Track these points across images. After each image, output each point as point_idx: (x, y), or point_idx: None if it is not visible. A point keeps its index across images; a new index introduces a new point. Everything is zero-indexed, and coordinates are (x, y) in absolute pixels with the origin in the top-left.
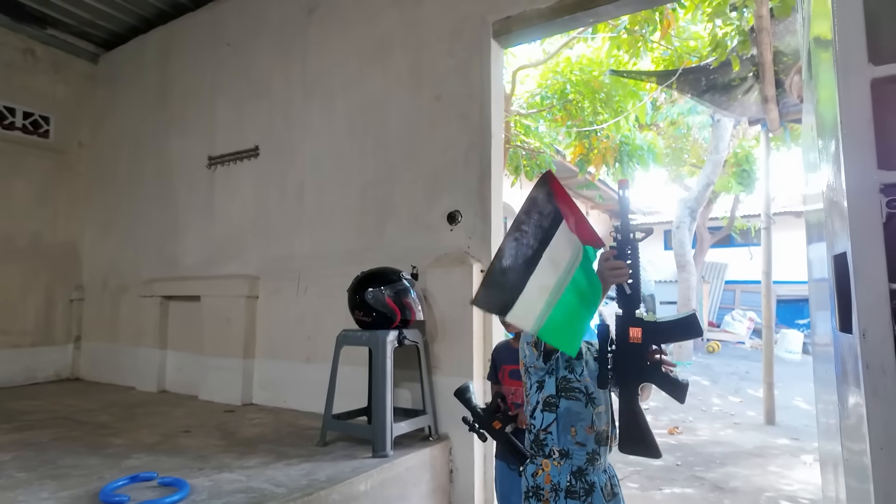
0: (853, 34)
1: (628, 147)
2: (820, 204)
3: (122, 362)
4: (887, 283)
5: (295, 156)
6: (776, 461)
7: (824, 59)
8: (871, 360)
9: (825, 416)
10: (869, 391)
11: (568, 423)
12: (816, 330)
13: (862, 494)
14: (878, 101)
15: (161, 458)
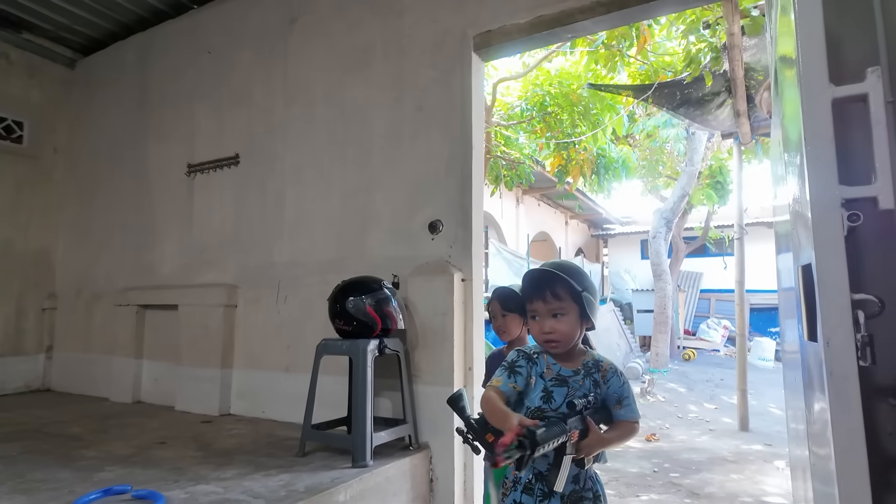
0: (815, 56)
1: (605, 159)
2: (787, 215)
3: (96, 373)
4: (849, 294)
5: (275, 164)
6: (750, 467)
7: (789, 77)
8: (834, 367)
9: (795, 422)
10: (833, 397)
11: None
12: (785, 338)
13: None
14: (839, 120)
15: (135, 470)
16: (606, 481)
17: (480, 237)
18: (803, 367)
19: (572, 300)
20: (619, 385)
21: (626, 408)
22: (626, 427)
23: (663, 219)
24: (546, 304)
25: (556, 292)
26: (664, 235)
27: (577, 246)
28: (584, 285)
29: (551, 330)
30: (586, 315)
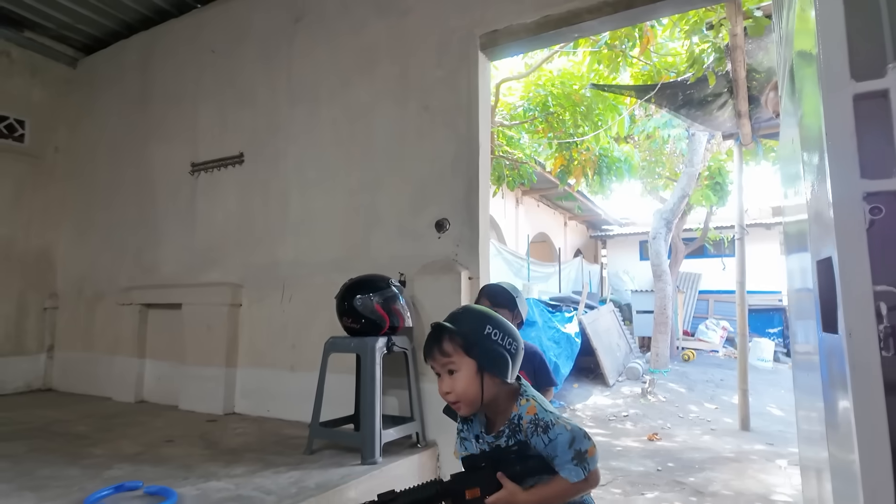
0: (836, 52)
1: (607, 159)
2: (801, 215)
3: (98, 372)
4: (871, 286)
5: (280, 163)
6: (753, 466)
7: (808, 75)
8: (856, 359)
9: (807, 423)
10: (856, 389)
11: None
12: (797, 339)
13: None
14: (860, 115)
15: (144, 468)
16: (611, 479)
17: (487, 236)
18: (822, 362)
19: (465, 354)
20: (543, 445)
21: (559, 467)
22: (558, 484)
23: (663, 219)
24: (437, 363)
25: (442, 348)
26: (664, 236)
27: (575, 247)
28: (478, 336)
29: (448, 390)
30: (488, 368)
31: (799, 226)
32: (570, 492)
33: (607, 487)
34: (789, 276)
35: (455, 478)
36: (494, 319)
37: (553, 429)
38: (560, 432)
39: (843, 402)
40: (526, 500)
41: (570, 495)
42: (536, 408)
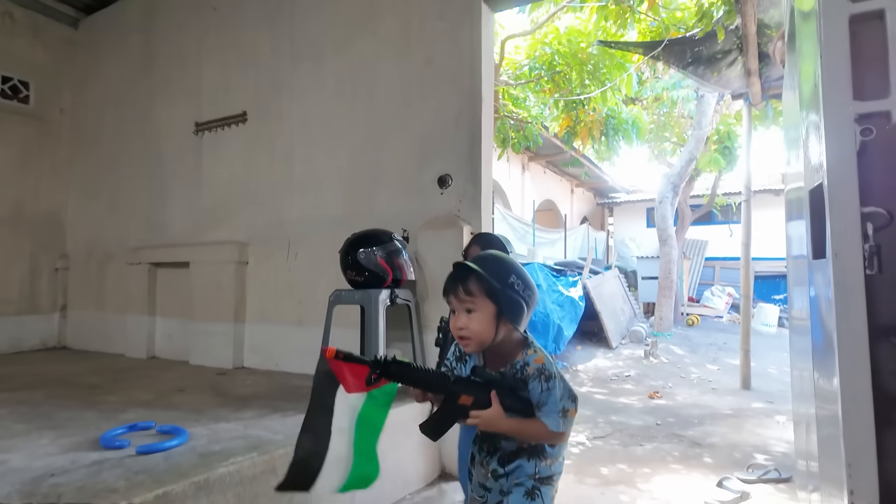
0: None
1: (614, 121)
2: (800, 182)
3: (110, 330)
4: (859, 208)
5: (283, 121)
6: (751, 421)
7: (807, 1)
8: (841, 278)
9: (799, 382)
10: (840, 308)
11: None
12: (794, 305)
13: (831, 440)
14: (855, 37)
15: (157, 412)
16: (611, 432)
17: (490, 191)
18: (810, 291)
19: (486, 297)
20: (539, 391)
21: (543, 413)
22: (536, 426)
23: (670, 183)
24: (458, 300)
25: (467, 288)
26: (670, 200)
27: (582, 215)
28: (504, 282)
29: (463, 326)
30: (506, 315)
31: (798, 192)
32: (543, 436)
33: (607, 439)
34: (788, 243)
35: (458, 380)
36: (518, 269)
37: (553, 381)
38: (557, 386)
39: (828, 327)
40: (506, 425)
41: (540, 438)
42: (544, 359)
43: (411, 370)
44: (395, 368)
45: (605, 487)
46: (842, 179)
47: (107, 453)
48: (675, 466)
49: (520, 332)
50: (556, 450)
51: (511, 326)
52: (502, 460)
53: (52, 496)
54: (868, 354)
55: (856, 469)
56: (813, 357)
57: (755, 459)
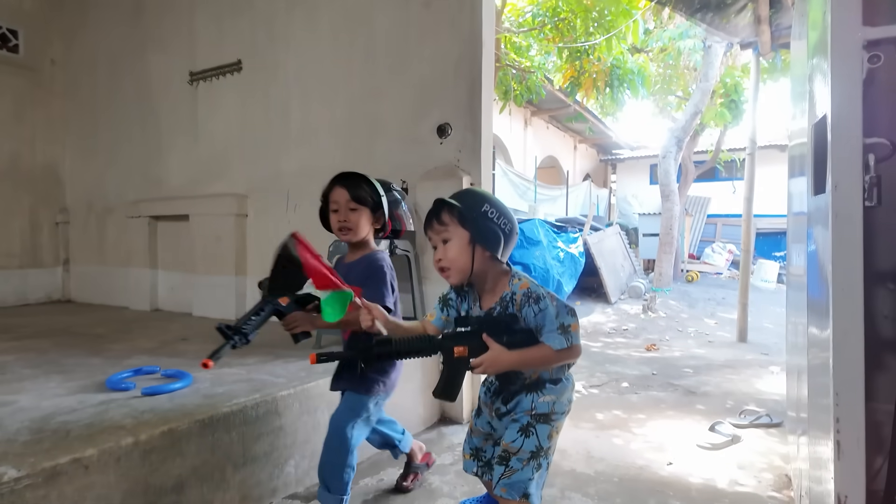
0: None
1: (619, 71)
2: (804, 138)
3: (113, 283)
4: (861, 138)
5: (279, 70)
6: (745, 372)
7: None
8: (840, 209)
9: (794, 334)
10: (836, 241)
11: None
12: (792, 261)
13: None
14: None
15: (161, 358)
16: (607, 381)
17: (489, 141)
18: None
19: (459, 225)
20: (534, 315)
21: (544, 336)
22: (543, 350)
23: (674, 138)
24: (434, 232)
25: (440, 218)
26: (674, 155)
27: (585, 171)
28: (476, 211)
29: (441, 257)
30: (480, 241)
31: (802, 148)
32: (551, 358)
33: (603, 388)
34: (790, 199)
35: (446, 336)
36: (493, 200)
37: (543, 300)
38: (549, 305)
39: (825, 270)
40: (510, 359)
41: (551, 362)
42: (529, 284)
43: (395, 344)
44: (379, 349)
45: (600, 431)
46: (847, 108)
47: (113, 395)
48: (669, 413)
49: (502, 264)
50: (557, 387)
51: (489, 255)
52: (506, 399)
53: (61, 432)
54: (862, 284)
55: (843, 398)
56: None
57: (747, 407)
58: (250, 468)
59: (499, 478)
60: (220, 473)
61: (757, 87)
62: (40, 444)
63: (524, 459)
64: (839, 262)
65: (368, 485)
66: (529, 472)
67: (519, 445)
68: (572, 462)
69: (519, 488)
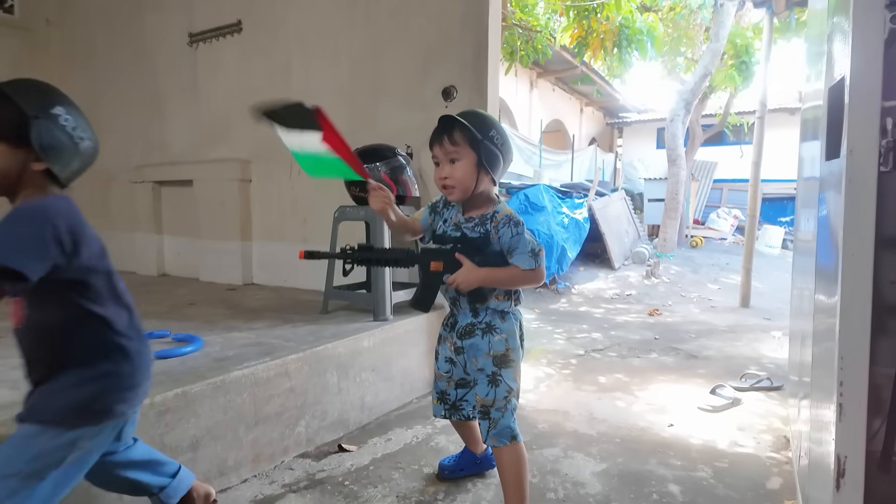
0: None
1: (628, 30)
2: (819, 100)
3: (120, 248)
4: (880, 101)
5: (279, 30)
6: (747, 336)
7: None
8: (853, 174)
9: (799, 300)
10: (849, 205)
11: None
12: (800, 226)
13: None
14: None
15: (171, 322)
16: (608, 346)
17: (496, 103)
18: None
19: (469, 146)
20: (510, 236)
21: (515, 257)
22: (511, 270)
23: (682, 100)
24: (443, 149)
25: (452, 137)
26: (682, 118)
27: (591, 135)
28: (485, 134)
29: (447, 175)
30: (486, 164)
31: (816, 111)
32: (518, 278)
33: (605, 352)
34: (800, 164)
35: (424, 250)
36: (498, 125)
37: (521, 226)
38: (524, 231)
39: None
40: (480, 275)
41: (518, 282)
42: (510, 210)
43: (377, 252)
44: (362, 254)
45: (602, 394)
46: (866, 69)
47: None
48: (671, 376)
49: (494, 187)
50: (505, 324)
51: (489, 177)
52: (460, 333)
53: None
54: (872, 250)
55: (847, 362)
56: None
57: (748, 370)
58: (262, 428)
59: (486, 431)
60: (232, 433)
61: (769, 48)
62: None
63: (501, 407)
64: (850, 227)
65: (377, 444)
66: (509, 417)
67: (493, 397)
68: (575, 423)
69: (506, 434)
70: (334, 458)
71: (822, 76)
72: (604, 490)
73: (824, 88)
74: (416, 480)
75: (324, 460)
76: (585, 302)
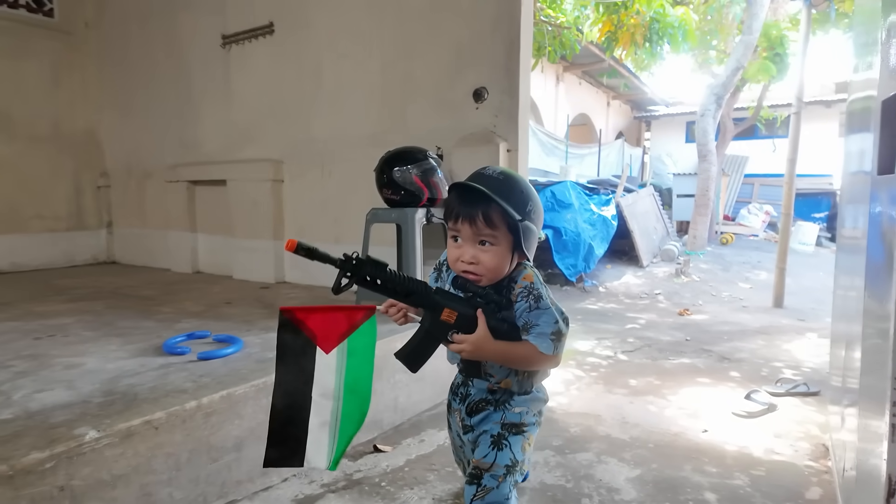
0: None
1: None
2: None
3: (154, 246)
4: None
5: (310, 32)
6: (781, 338)
7: None
8: None
9: (843, 300)
10: None
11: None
12: (845, 223)
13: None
14: None
15: (209, 322)
16: (640, 347)
17: (527, 105)
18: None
19: (507, 230)
20: (528, 311)
21: (533, 335)
22: (527, 349)
23: (714, 94)
24: (474, 230)
25: (489, 219)
26: (713, 113)
27: (618, 129)
28: (523, 213)
29: (474, 260)
30: (521, 248)
31: (866, 102)
32: (533, 360)
33: (635, 353)
34: (846, 158)
35: (439, 291)
36: (532, 194)
37: (544, 300)
38: (549, 307)
39: (890, 244)
40: (493, 349)
41: (531, 363)
42: (533, 277)
43: (388, 273)
44: (370, 269)
45: (634, 397)
46: None
47: (170, 359)
48: (703, 380)
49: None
50: (527, 398)
51: (521, 259)
52: (470, 409)
53: (130, 395)
54: None
55: None
56: (867, 275)
57: (782, 374)
58: None
59: (470, 500)
60: None
61: (807, 41)
62: (113, 405)
63: (499, 476)
64: None
65: (410, 445)
66: (507, 489)
67: (491, 460)
68: (607, 427)
69: None
70: (370, 459)
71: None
72: (639, 496)
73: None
74: (451, 482)
75: (360, 460)
76: (613, 300)
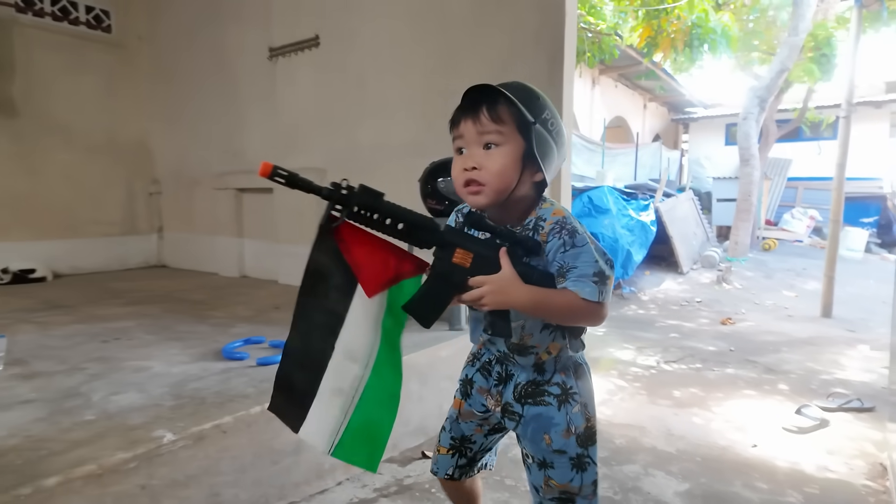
0: None
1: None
2: None
3: (203, 250)
4: None
5: (354, 43)
6: (830, 350)
7: None
8: None
9: None
10: None
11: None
12: None
13: None
14: None
15: (260, 326)
16: (682, 357)
17: (570, 116)
18: None
19: (517, 130)
20: (563, 250)
21: (571, 280)
22: (567, 296)
23: (756, 97)
24: (478, 127)
25: (496, 112)
26: (756, 116)
27: (654, 132)
28: (538, 116)
29: (477, 165)
30: (533, 157)
31: None
32: (576, 310)
33: (678, 363)
34: None
35: (451, 229)
36: (554, 109)
37: (580, 236)
38: (586, 243)
39: None
40: (522, 295)
41: (573, 315)
42: (564, 212)
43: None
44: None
45: (679, 409)
46: None
47: (230, 364)
48: (749, 392)
49: (540, 186)
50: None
51: (540, 177)
52: (520, 395)
53: (197, 399)
54: None
55: None
56: None
57: (833, 388)
58: None
59: None
60: None
61: (857, 41)
62: (183, 409)
63: (588, 494)
64: None
65: None
66: None
67: (579, 483)
68: (652, 439)
69: None
70: (418, 465)
71: None
72: None
73: None
74: (500, 491)
75: (409, 466)
76: (653, 308)
